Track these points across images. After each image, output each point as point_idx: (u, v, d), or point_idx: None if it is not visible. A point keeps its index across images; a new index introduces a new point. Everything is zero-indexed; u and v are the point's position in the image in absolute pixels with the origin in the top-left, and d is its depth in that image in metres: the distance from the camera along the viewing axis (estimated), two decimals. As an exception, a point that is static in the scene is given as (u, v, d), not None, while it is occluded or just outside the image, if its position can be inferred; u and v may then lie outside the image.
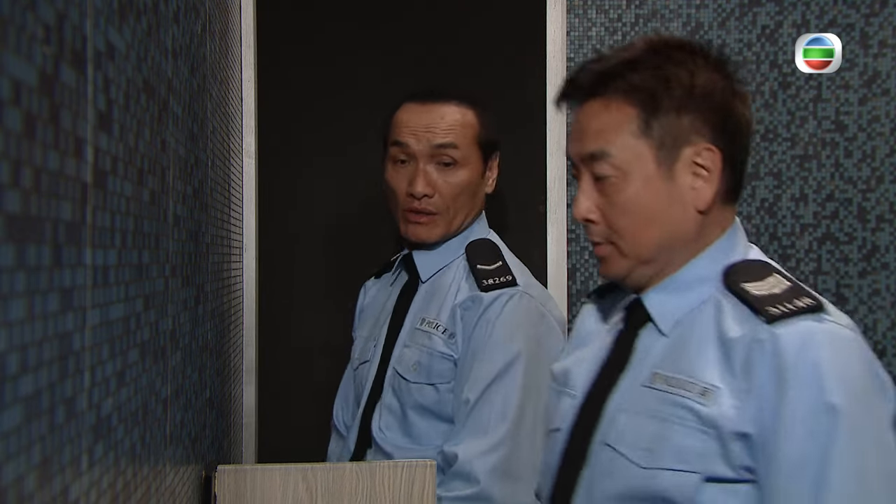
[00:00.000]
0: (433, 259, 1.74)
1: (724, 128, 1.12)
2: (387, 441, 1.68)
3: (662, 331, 1.14)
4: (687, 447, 1.05)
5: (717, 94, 1.13)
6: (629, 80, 1.13)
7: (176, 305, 1.03)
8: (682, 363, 1.09)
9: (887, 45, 2.27)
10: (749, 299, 1.07)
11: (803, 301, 1.05)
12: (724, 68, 1.15)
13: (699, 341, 1.09)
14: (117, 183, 0.71)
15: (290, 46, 2.29)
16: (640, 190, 1.12)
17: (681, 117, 1.11)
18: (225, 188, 1.71)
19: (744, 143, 1.16)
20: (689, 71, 1.12)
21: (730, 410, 1.03)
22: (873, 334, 2.27)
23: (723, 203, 1.15)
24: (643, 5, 2.28)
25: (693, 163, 1.12)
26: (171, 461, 1.01)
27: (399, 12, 2.30)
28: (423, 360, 1.66)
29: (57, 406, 0.56)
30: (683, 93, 1.11)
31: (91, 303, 0.64)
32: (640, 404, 1.11)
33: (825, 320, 1.04)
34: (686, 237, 1.14)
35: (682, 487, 1.05)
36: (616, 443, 1.12)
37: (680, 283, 1.15)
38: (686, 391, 1.07)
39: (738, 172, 1.16)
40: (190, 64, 1.17)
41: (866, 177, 2.28)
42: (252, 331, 2.25)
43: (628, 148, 1.12)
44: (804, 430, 0.99)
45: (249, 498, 1.35)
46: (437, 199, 1.70)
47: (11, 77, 0.47)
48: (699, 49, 1.16)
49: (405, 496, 1.38)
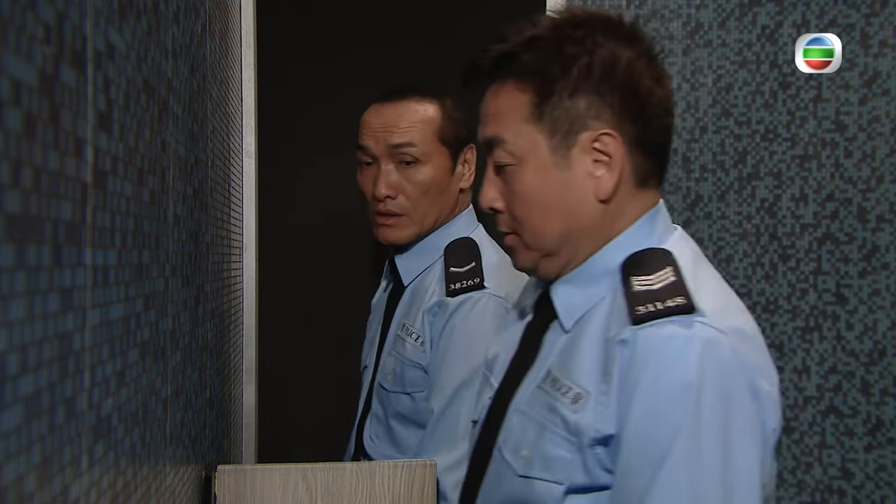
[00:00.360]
0: (413, 262, 1.69)
1: (627, 109, 1.04)
2: (375, 450, 1.66)
3: (564, 327, 1.08)
4: (554, 456, 1.01)
5: (620, 71, 1.04)
6: (523, 61, 1.06)
7: (176, 305, 1.03)
8: (570, 364, 1.04)
9: (888, 45, 2.27)
10: (628, 295, 1.00)
11: (675, 301, 0.97)
12: (634, 43, 1.07)
13: (588, 341, 1.04)
14: (117, 183, 0.71)
15: (290, 46, 2.29)
16: (534, 179, 1.06)
17: (576, 100, 1.03)
18: (225, 188, 1.71)
19: (659, 124, 1.07)
20: (587, 49, 1.04)
21: (592, 416, 0.98)
22: (874, 334, 2.27)
23: (636, 188, 1.07)
24: (643, 5, 2.28)
25: (592, 149, 1.04)
26: (171, 461, 1.01)
27: (399, 12, 2.30)
28: (398, 369, 1.62)
29: (57, 406, 0.56)
30: (580, 73, 1.03)
31: (91, 303, 0.64)
32: (531, 406, 1.07)
33: (693, 324, 0.96)
34: (589, 227, 1.06)
35: (546, 500, 1.01)
36: (503, 445, 1.09)
37: (585, 274, 1.08)
38: (562, 395, 1.02)
39: (653, 155, 1.07)
40: (190, 64, 1.17)
41: (866, 177, 2.28)
42: (252, 331, 2.25)
43: (522, 134, 1.06)
44: (647, 432, 0.94)
45: (249, 498, 1.35)
46: (401, 200, 1.65)
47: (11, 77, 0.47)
48: (607, 23, 1.08)
49: (405, 496, 1.38)
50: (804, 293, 2.28)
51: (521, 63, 1.06)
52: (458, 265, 1.60)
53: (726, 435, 0.94)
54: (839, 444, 2.29)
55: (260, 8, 2.26)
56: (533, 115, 1.05)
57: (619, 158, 1.04)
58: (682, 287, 0.99)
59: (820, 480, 2.29)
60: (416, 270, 1.69)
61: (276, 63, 2.28)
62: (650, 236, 1.07)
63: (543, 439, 1.03)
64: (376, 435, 1.67)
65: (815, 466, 2.29)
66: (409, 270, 1.69)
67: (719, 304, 1.01)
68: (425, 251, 1.68)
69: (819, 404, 2.29)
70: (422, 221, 1.67)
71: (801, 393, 2.29)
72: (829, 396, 2.29)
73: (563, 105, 1.04)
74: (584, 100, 1.03)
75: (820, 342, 2.28)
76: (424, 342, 1.59)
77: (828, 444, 2.29)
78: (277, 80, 2.28)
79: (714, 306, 0.99)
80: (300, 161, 2.31)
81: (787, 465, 2.29)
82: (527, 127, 1.06)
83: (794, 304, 2.29)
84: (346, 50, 2.29)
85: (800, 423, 2.29)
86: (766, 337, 2.43)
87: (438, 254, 1.66)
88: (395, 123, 1.66)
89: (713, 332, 0.96)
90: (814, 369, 2.29)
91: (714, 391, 0.93)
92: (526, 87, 1.06)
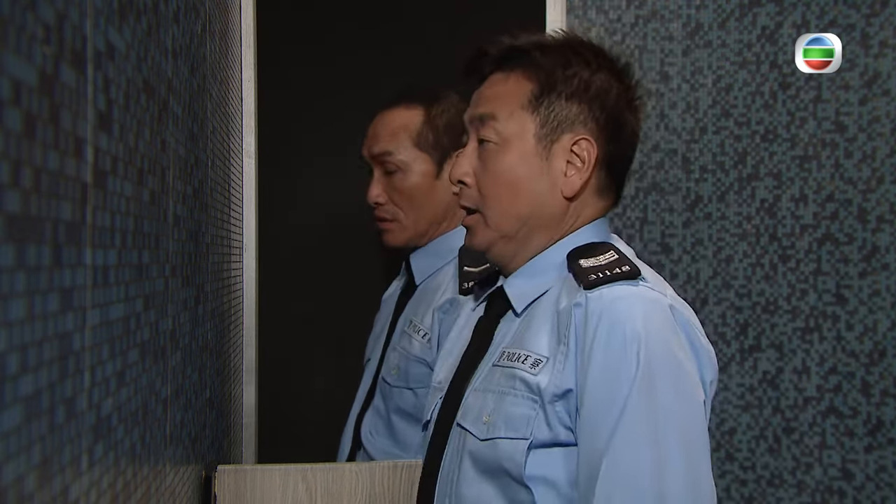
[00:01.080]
0: (427, 262, 1.72)
1: (608, 128, 1.17)
2: (373, 445, 1.66)
3: (516, 311, 1.18)
4: (517, 415, 1.09)
5: (612, 97, 1.17)
6: (534, 58, 1.18)
7: (176, 305, 1.03)
8: (525, 339, 1.13)
9: (888, 46, 2.27)
10: (576, 271, 1.12)
11: (621, 269, 1.10)
12: (625, 77, 1.20)
13: (540, 318, 1.14)
14: (117, 183, 0.71)
15: (290, 46, 2.29)
16: (515, 161, 1.16)
17: (570, 104, 1.15)
18: (225, 188, 1.71)
19: (625, 151, 1.20)
20: (591, 69, 1.17)
21: (553, 376, 1.07)
22: (874, 335, 2.27)
23: (595, 197, 1.19)
24: (643, 6, 2.28)
25: (570, 150, 1.15)
26: (171, 461, 1.01)
27: (399, 12, 2.30)
28: (402, 364, 1.64)
29: (57, 406, 0.56)
30: (579, 84, 1.16)
31: (91, 303, 0.64)
32: (487, 382, 1.16)
33: (639, 285, 1.09)
34: (548, 220, 1.17)
35: (513, 456, 1.07)
36: (462, 420, 1.16)
37: (536, 268, 1.18)
38: (521, 363, 1.11)
39: (615, 174, 1.20)
40: (190, 64, 1.17)
41: (866, 177, 2.28)
42: (252, 331, 2.25)
43: (514, 118, 1.16)
44: (605, 383, 1.03)
45: (249, 498, 1.35)
46: (388, 206, 1.71)
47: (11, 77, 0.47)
48: (607, 55, 1.21)
49: (404, 497, 1.38)
50: (804, 294, 2.28)
51: (532, 58, 1.18)
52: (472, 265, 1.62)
53: (676, 380, 1.04)
54: (839, 444, 2.29)
55: (260, 8, 2.26)
56: (530, 104, 1.16)
57: (590, 165, 1.16)
58: (626, 260, 1.12)
59: (820, 481, 2.29)
60: (428, 270, 1.72)
61: (276, 63, 2.28)
62: (595, 238, 1.19)
63: (505, 402, 1.11)
64: (375, 429, 1.67)
65: (816, 467, 2.29)
66: (422, 270, 1.72)
67: (657, 279, 1.14)
68: (439, 251, 1.70)
69: (819, 405, 2.29)
70: (414, 227, 1.70)
71: (802, 393, 2.29)
72: (830, 397, 2.29)
73: (558, 104, 1.16)
74: (576, 106, 1.16)
75: (820, 343, 2.29)
76: (432, 339, 1.60)
77: (828, 444, 2.29)
78: (277, 80, 2.28)
79: (654, 278, 1.13)
80: (300, 161, 2.31)
81: (787, 466, 2.29)
82: (521, 112, 1.17)
83: (794, 304, 2.29)
84: (346, 50, 2.29)
85: (800, 423, 2.29)
86: (766, 338, 2.44)
87: (453, 254, 1.67)
88: (378, 132, 1.71)
89: (656, 294, 1.09)
90: (814, 370, 2.29)
91: (660, 341, 1.05)
92: (531, 78, 1.17)
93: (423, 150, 1.68)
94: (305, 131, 2.30)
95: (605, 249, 1.15)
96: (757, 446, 2.30)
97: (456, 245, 1.68)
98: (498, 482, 1.10)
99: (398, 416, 1.64)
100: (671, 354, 1.05)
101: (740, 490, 2.30)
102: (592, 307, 1.06)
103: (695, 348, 1.08)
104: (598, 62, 1.18)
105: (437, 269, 1.70)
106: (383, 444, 1.65)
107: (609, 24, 2.28)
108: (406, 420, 1.63)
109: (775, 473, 2.30)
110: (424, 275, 1.72)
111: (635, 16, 2.28)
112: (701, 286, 2.30)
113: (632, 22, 2.28)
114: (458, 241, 1.68)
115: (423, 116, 1.69)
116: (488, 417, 1.11)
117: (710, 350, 1.11)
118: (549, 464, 1.07)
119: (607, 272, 1.09)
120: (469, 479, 1.13)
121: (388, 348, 1.72)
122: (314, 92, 2.29)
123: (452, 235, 1.70)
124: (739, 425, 2.30)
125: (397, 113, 1.71)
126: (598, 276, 1.09)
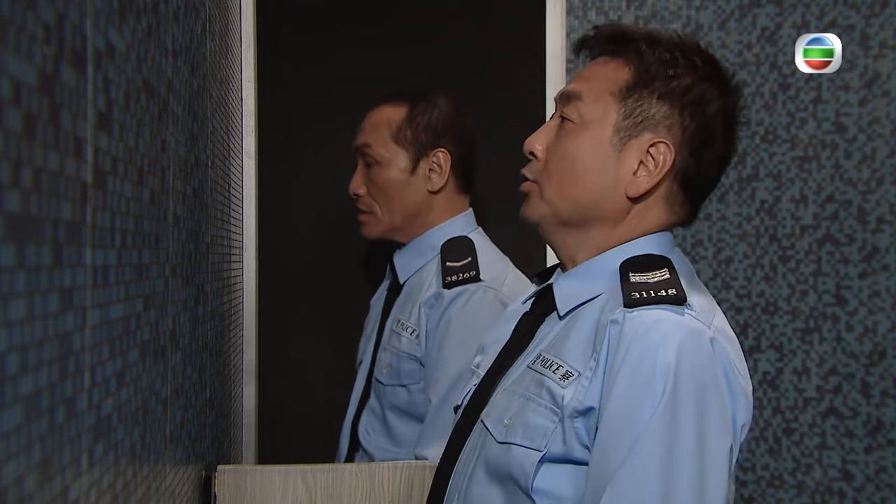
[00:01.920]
0: (410, 260, 1.75)
1: (694, 140, 1.11)
2: (371, 444, 1.68)
3: (560, 314, 1.14)
4: (535, 424, 1.05)
5: (710, 109, 1.11)
6: (640, 49, 1.13)
7: (176, 305, 1.03)
8: (563, 346, 1.09)
9: (887, 47, 2.27)
10: (624, 286, 1.06)
11: (668, 292, 1.04)
12: (731, 96, 1.14)
13: (581, 327, 1.09)
14: (117, 183, 0.71)
15: (290, 46, 2.29)
16: (586, 145, 1.12)
17: (662, 104, 1.11)
18: (225, 188, 1.71)
19: (707, 170, 1.14)
20: (696, 75, 1.12)
21: (579, 391, 1.03)
22: (874, 336, 2.27)
23: (662, 206, 1.14)
24: (643, 7, 2.28)
25: (647, 150, 1.11)
26: (171, 461, 1.01)
27: (399, 13, 2.30)
28: (393, 362, 1.65)
29: (57, 406, 0.56)
30: (678, 88, 1.11)
31: (91, 303, 0.64)
32: (518, 383, 1.12)
33: (683, 313, 1.02)
34: (607, 214, 1.13)
35: (523, 465, 1.04)
36: (486, 417, 1.14)
37: (589, 270, 1.14)
38: (552, 373, 1.07)
39: (689, 190, 1.14)
40: (190, 64, 1.17)
41: (866, 178, 2.28)
42: (252, 331, 2.25)
43: (600, 102, 1.12)
44: (625, 409, 0.98)
45: (249, 498, 1.35)
46: (366, 199, 1.76)
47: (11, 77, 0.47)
48: (718, 67, 1.15)
49: (404, 497, 1.38)
50: (804, 294, 2.28)
51: (638, 49, 1.13)
52: (454, 259, 1.65)
53: (701, 419, 0.98)
54: (839, 445, 2.29)
55: (260, 8, 2.25)
56: (620, 92, 1.12)
57: (663, 170, 1.10)
58: (676, 282, 1.06)
59: (820, 482, 2.29)
60: (412, 268, 1.74)
61: (276, 63, 2.28)
62: (656, 249, 1.13)
63: (527, 409, 1.07)
64: (372, 428, 1.69)
65: (816, 468, 2.29)
66: (406, 268, 1.74)
67: (706, 306, 1.07)
68: (421, 249, 1.72)
69: (819, 406, 2.29)
70: (389, 220, 1.74)
71: (801, 394, 2.29)
72: (829, 398, 2.29)
73: (649, 101, 1.11)
74: (667, 108, 1.11)
75: (820, 343, 2.28)
76: (420, 335, 1.62)
77: (828, 445, 2.29)
78: (277, 80, 2.28)
79: (702, 306, 1.06)
80: (300, 161, 2.31)
81: (787, 467, 2.29)
82: (608, 98, 1.12)
83: (793, 305, 2.29)
84: (346, 50, 2.29)
85: (800, 424, 2.29)
86: (765, 338, 2.44)
87: (434, 252, 1.71)
88: (364, 125, 1.77)
89: (698, 324, 1.02)
90: (814, 371, 2.29)
91: (692, 376, 0.98)
92: (630, 68, 1.13)
93: (400, 145, 1.72)
94: (305, 131, 2.30)
95: (660, 266, 1.09)
96: (757, 447, 2.30)
97: (437, 243, 1.71)
98: (505, 488, 1.08)
99: (393, 413, 1.65)
100: (702, 390, 0.98)
101: (740, 491, 2.30)
102: (628, 328, 1.01)
103: (731, 387, 1.01)
104: (706, 71, 1.13)
105: (420, 267, 1.72)
106: (381, 443, 1.67)
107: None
108: (401, 417, 1.64)
109: (775, 474, 2.30)
110: (408, 272, 1.74)
111: (635, 17, 2.28)
112: (701, 287, 2.30)
113: (631, 23, 2.28)
114: (439, 238, 1.72)
115: (406, 113, 1.73)
116: (509, 420, 1.08)
117: (747, 391, 1.04)
118: (558, 479, 1.03)
119: (652, 293, 1.04)
120: (479, 478, 1.11)
121: (378, 349, 1.73)
122: (314, 92, 2.29)
123: (433, 233, 1.73)
124: (739, 426, 2.31)
125: (384, 108, 1.76)
126: (641, 296, 1.03)
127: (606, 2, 2.27)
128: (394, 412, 1.65)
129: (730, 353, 1.03)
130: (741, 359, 1.06)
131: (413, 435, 1.62)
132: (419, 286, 1.68)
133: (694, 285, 1.10)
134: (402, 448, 1.63)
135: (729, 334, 1.06)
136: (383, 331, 1.74)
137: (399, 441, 1.64)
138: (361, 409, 1.74)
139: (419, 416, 1.61)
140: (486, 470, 1.10)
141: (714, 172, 1.16)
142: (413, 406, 1.62)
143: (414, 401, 1.62)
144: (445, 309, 1.59)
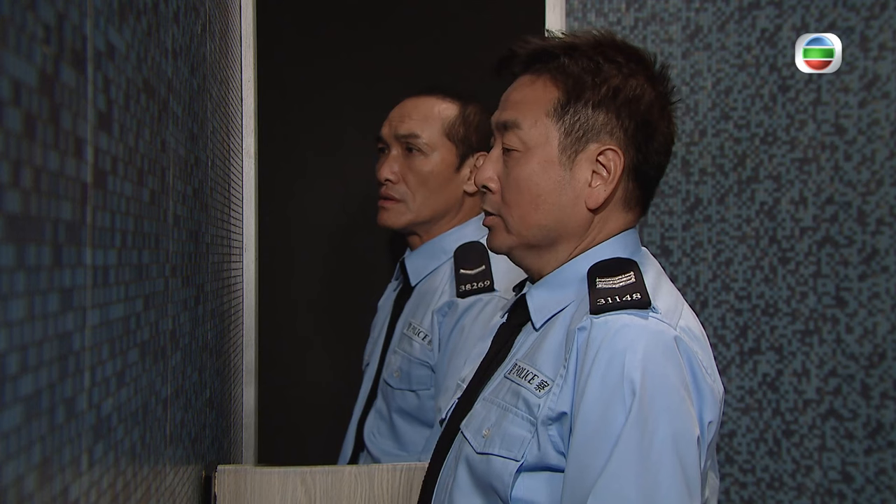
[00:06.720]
0: (422, 263, 1.73)
1: (637, 137, 1.12)
2: (376, 446, 1.67)
3: (535, 325, 1.16)
4: (513, 434, 1.07)
5: (643, 104, 1.13)
6: (562, 62, 1.14)
7: (176, 305, 1.03)
8: (537, 355, 1.10)
9: (887, 48, 2.27)
10: (591, 292, 1.08)
11: (632, 297, 1.06)
12: (660, 83, 1.15)
13: (554, 335, 1.11)
14: (117, 183, 0.71)
15: (290, 46, 2.29)
16: (536, 170, 1.13)
17: (597, 113, 1.12)
18: (225, 188, 1.71)
19: (656, 159, 1.15)
20: (622, 74, 1.13)
21: (549, 399, 1.04)
22: (873, 337, 2.27)
23: (622, 209, 1.15)
24: (642, 8, 2.28)
25: (596, 160, 1.12)
26: (171, 461, 1.01)
27: (398, 13, 2.30)
28: (404, 367, 1.65)
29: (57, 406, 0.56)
30: (608, 91, 1.12)
31: (91, 303, 0.64)
32: (496, 394, 1.14)
33: (647, 316, 1.04)
34: (572, 230, 1.14)
35: (502, 476, 1.06)
36: (465, 427, 1.15)
37: (558, 279, 1.16)
38: (528, 382, 1.08)
39: (644, 184, 1.16)
40: (190, 64, 1.17)
41: (866, 180, 2.28)
42: (252, 331, 2.25)
43: (538, 126, 1.13)
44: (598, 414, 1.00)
45: (249, 499, 1.35)
46: (401, 186, 1.72)
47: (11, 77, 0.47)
48: (641, 58, 1.16)
49: (404, 499, 1.38)
50: (804, 296, 2.28)
51: (560, 63, 1.14)
52: (468, 267, 1.64)
53: (671, 420, 1.00)
54: (839, 447, 2.29)
55: (260, 8, 2.25)
56: (555, 112, 1.13)
57: (616, 176, 1.12)
58: (640, 286, 1.07)
59: (820, 484, 2.29)
60: (424, 271, 1.73)
61: (276, 63, 2.28)
62: (621, 251, 1.15)
63: (505, 420, 1.09)
64: (378, 431, 1.68)
65: (815, 470, 2.29)
66: (418, 271, 1.73)
67: (672, 306, 1.09)
68: (434, 253, 1.71)
69: (819, 407, 2.29)
70: (419, 211, 1.71)
71: (801, 396, 2.29)
72: (829, 399, 2.29)
73: (584, 112, 1.12)
74: (604, 115, 1.12)
75: (820, 345, 2.28)
76: (433, 341, 1.61)
77: (828, 447, 2.29)
78: (277, 80, 2.28)
79: (667, 307, 1.08)
80: (300, 161, 2.31)
81: (786, 469, 2.29)
82: (546, 120, 1.13)
83: (793, 307, 2.29)
84: (346, 50, 2.29)
85: (799, 426, 2.29)
86: (765, 340, 2.44)
87: (447, 256, 1.69)
88: (409, 114, 1.73)
89: (664, 326, 1.04)
90: (813, 372, 2.29)
91: (658, 375, 1.00)
92: (557, 85, 1.14)
93: (451, 140, 1.71)
94: (305, 131, 2.30)
95: (626, 270, 1.10)
96: (757, 449, 2.30)
97: (449, 247, 1.70)
98: (487, 498, 1.09)
99: (400, 417, 1.64)
100: (669, 390, 1.01)
101: (740, 493, 2.30)
102: (595, 334, 1.03)
103: (697, 385, 1.04)
104: (630, 66, 1.14)
105: (432, 271, 1.71)
106: (386, 445, 1.66)
107: (608, 27, 2.27)
108: (408, 421, 1.64)
109: (775, 476, 2.30)
110: (419, 276, 1.73)
111: (635, 18, 2.28)
112: (700, 289, 2.30)
113: (631, 25, 2.28)
114: (452, 243, 1.71)
115: (458, 111, 1.72)
116: (488, 431, 1.10)
117: (714, 389, 1.06)
118: (535, 488, 1.05)
119: (617, 298, 1.06)
120: (461, 487, 1.12)
121: (387, 351, 1.72)
122: (314, 92, 2.29)
123: (446, 237, 1.72)
124: (739, 428, 2.30)
125: (432, 101, 1.73)
126: (606, 302, 1.05)
127: (606, 4, 2.27)
128: (401, 415, 1.64)
129: (697, 352, 1.06)
130: (709, 357, 1.09)
131: (418, 439, 1.62)
132: (432, 291, 1.68)
133: (661, 285, 1.12)
134: (407, 451, 1.63)
135: (696, 333, 1.09)
136: (392, 333, 1.74)
137: (404, 444, 1.64)
138: (367, 411, 1.74)
139: (426, 420, 1.61)
140: (468, 480, 1.12)
141: (664, 159, 1.17)
142: (421, 411, 1.62)
143: (423, 406, 1.62)
144: (459, 318, 1.59)
